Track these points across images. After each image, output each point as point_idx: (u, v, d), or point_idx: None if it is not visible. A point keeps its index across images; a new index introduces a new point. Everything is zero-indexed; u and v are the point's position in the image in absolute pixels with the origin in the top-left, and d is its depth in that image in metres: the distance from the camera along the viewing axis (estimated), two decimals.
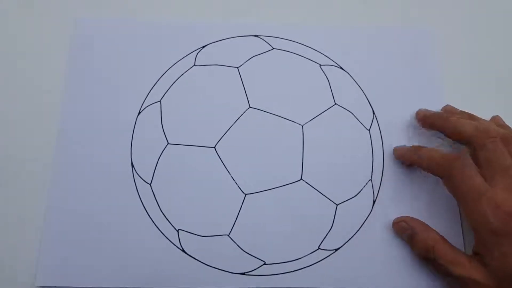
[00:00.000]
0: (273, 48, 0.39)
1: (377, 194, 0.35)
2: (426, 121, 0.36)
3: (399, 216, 0.34)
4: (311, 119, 0.37)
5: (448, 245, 0.31)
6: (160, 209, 0.34)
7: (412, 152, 0.34)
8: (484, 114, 0.35)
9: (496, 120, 0.36)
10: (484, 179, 0.30)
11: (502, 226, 0.28)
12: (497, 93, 0.39)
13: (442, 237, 0.32)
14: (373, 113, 0.37)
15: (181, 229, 0.34)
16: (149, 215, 0.34)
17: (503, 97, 0.39)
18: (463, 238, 0.34)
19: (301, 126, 0.37)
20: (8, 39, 0.39)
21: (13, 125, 0.36)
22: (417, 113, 0.36)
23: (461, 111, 0.36)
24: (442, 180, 0.32)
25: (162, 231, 0.34)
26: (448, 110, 0.36)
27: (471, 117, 0.35)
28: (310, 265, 0.34)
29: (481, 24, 0.41)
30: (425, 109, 0.36)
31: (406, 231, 0.33)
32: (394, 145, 0.37)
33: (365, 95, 0.38)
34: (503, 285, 0.28)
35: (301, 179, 0.35)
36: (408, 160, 0.35)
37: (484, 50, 0.40)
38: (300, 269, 0.33)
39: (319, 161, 0.36)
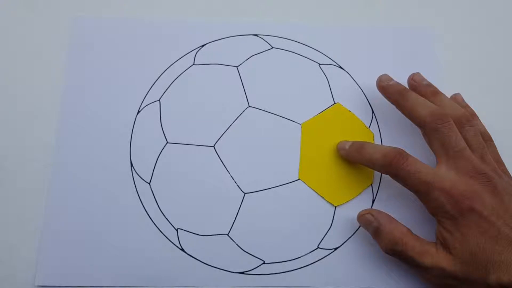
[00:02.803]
0: (272, 47, 0.39)
1: (376, 193, 0.35)
2: (385, 91, 0.35)
3: (397, 215, 0.34)
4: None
5: (415, 237, 0.31)
6: (160, 208, 0.34)
7: (354, 151, 0.34)
8: (484, 113, 0.35)
9: (456, 98, 0.36)
10: (437, 161, 0.31)
11: (456, 209, 0.29)
12: (497, 92, 0.39)
13: (408, 229, 0.32)
14: (373, 112, 0.37)
15: (180, 228, 0.34)
16: (148, 215, 0.34)
17: (503, 96, 0.39)
18: None
19: (300, 125, 0.37)
20: (8, 39, 0.39)
21: (12, 125, 0.36)
22: (379, 81, 0.36)
23: (428, 84, 0.36)
24: (389, 175, 0.32)
25: (162, 231, 0.34)
26: (416, 80, 0.36)
27: (434, 93, 0.35)
28: (310, 264, 0.34)
29: (481, 23, 0.41)
30: (387, 76, 0.36)
31: (371, 224, 0.32)
32: (394, 144, 0.36)
33: (364, 95, 0.38)
34: (467, 268, 0.29)
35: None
36: (352, 161, 0.35)
37: (484, 49, 0.40)
38: (299, 268, 0.34)
39: None
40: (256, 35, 0.39)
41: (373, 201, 0.35)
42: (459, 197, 0.29)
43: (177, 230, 0.34)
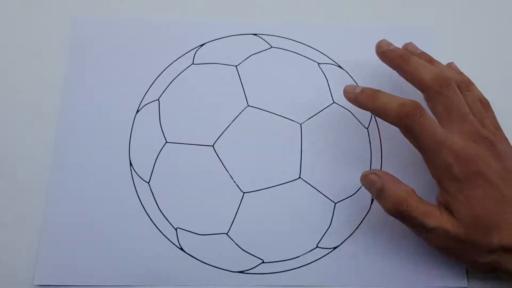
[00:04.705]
0: (271, 47, 0.39)
1: None
2: (385, 56, 0.35)
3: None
4: (310, 118, 0.37)
5: (419, 198, 0.31)
6: (159, 207, 0.34)
7: (366, 97, 0.33)
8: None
9: (451, 66, 0.36)
10: (442, 126, 0.31)
11: (463, 172, 0.29)
12: (497, 92, 0.39)
13: (413, 189, 0.31)
14: None
15: (179, 228, 0.34)
16: (147, 214, 0.34)
17: (503, 96, 0.39)
18: None
19: (299, 125, 0.37)
20: (8, 39, 0.39)
21: (12, 125, 0.36)
22: (378, 46, 0.35)
23: (422, 52, 0.36)
24: (400, 130, 0.31)
25: (161, 230, 0.34)
26: (410, 49, 0.36)
27: (430, 61, 0.35)
28: (309, 263, 0.34)
29: (481, 23, 0.41)
30: (386, 41, 0.35)
31: (375, 184, 0.31)
32: (393, 145, 0.36)
33: None
34: (470, 231, 0.29)
35: (299, 177, 0.35)
36: (362, 107, 0.33)
37: (484, 49, 0.40)
38: (298, 267, 0.33)
39: (318, 159, 0.36)
40: (255, 34, 0.39)
41: (372, 200, 0.35)
42: (467, 159, 0.29)
43: (176, 230, 0.34)
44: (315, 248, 0.34)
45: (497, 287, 0.33)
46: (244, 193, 0.35)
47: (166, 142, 0.36)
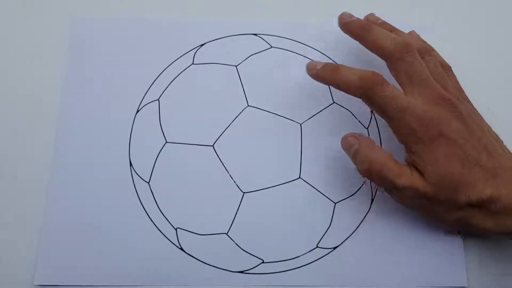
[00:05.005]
0: (271, 47, 0.39)
1: (375, 192, 0.35)
2: (347, 27, 0.35)
3: (397, 212, 0.34)
4: (310, 118, 0.37)
5: (393, 160, 0.31)
6: (159, 207, 0.34)
7: (327, 72, 0.33)
8: (486, 112, 0.35)
9: (412, 34, 0.37)
10: (404, 91, 0.32)
11: (426, 134, 0.30)
12: (497, 92, 0.39)
13: (386, 152, 0.32)
14: (372, 111, 0.37)
15: (179, 228, 0.34)
16: (147, 214, 0.34)
17: (504, 96, 0.39)
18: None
19: (299, 125, 0.37)
20: (8, 39, 0.39)
21: (12, 125, 0.36)
22: (340, 18, 0.36)
23: (383, 22, 0.37)
24: (363, 101, 0.32)
25: (161, 230, 0.34)
26: (372, 20, 0.37)
27: (392, 30, 0.36)
28: (309, 263, 0.34)
29: (481, 23, 0.41)
30: (348, 13, 0.36)
31: (353, 146, 0.32)
32: (393, 145, 0.36)
33: None
34: (438, 190, 0.30)
35: (299, 177, 0.35)
36: (324, 82, 0.34)
37: (484, 49, 0.40)
38: (298, 267, 0.33)
39: (318, 159, 0.36)
40: (255, 34, 0.39)
41: (372, 200, 0.35)
42: (430, 122, 0.30)
43: (176, 230, 0.34)
44: (315, 248, 0.34)
45: (497, 286, 0.33)
46: (244, 193, 0.35)
47: (166, 142, 0.36)
